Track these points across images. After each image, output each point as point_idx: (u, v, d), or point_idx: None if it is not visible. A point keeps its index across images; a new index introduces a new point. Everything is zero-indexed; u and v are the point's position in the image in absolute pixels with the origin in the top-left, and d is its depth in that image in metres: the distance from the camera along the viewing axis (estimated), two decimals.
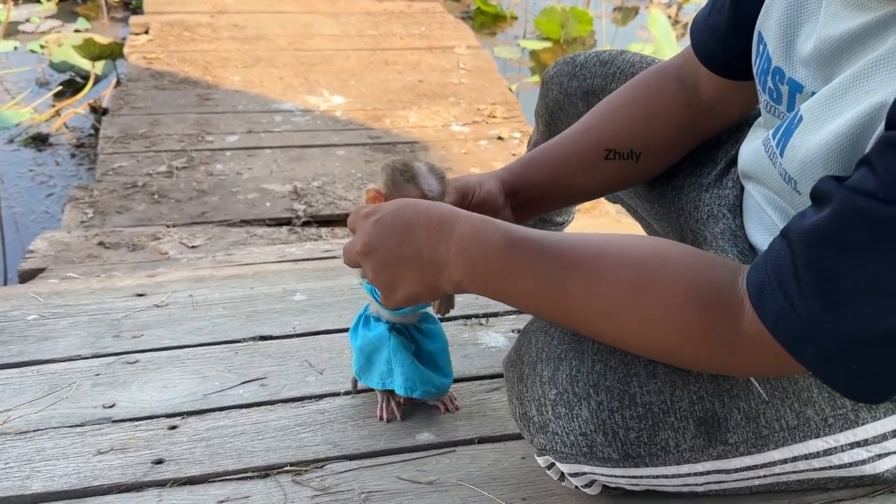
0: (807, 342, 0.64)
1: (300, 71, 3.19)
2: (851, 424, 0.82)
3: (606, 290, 0.72)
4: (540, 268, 0.74)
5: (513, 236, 0.75)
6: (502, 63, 3.85)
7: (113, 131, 2.61)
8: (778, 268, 0.65)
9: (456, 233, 0.76)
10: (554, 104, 1.18)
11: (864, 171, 0.61)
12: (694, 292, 0.70)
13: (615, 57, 1.14)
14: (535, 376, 0.83)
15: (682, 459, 0.82)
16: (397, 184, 0.91)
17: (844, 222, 0.61)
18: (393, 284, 0.80)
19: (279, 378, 1.17)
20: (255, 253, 1.75)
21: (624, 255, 0.74)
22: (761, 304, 0.66)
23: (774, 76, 0.83)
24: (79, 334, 1.28)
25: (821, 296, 0.63)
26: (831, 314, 0.63)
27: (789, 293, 0.64)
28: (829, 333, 0.63)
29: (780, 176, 0.78)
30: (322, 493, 0.95)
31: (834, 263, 0.62)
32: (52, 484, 0.96)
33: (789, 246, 0.65)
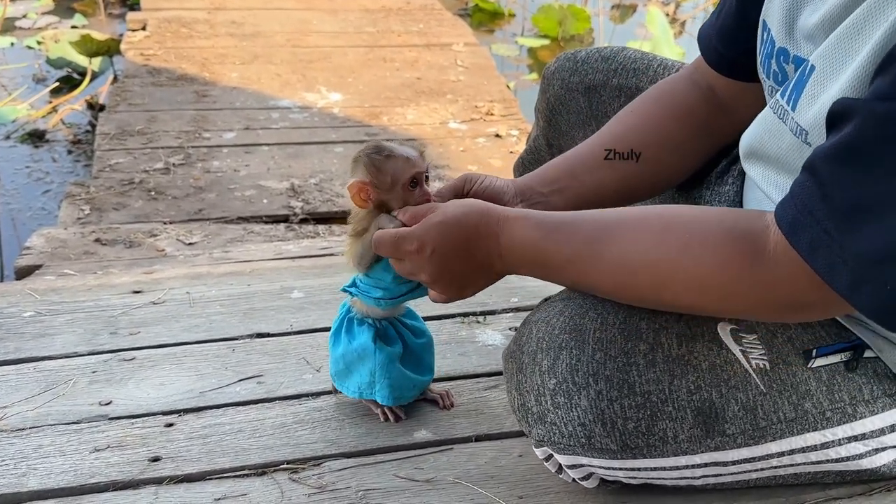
0: (840, 266, 0.63)
1: (298, 68, 3.19)
2: (849, 418, 0.83)
3: (633, 239, 0.78)
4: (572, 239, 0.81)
5: (544, 224, 0.82)
6: (500, 60, 3.84)
7: (110, 128, 2.60)
8: (805, 197, 0.65)
9: (503, 242, 0.84)
10: (555, 100, 1.18)
11: (879, 80, 0.61)
12: (716, 226, 0.74)
13: (617, 53, 1.14)
14: (534, 366, 0.83)
15: (679, 451, 0.82)
16: (379, 165, 0.91)
17: (866, 132, 0.60)
18: (462, 289, 0.89)
19: (276, 376, 1.17)
20: (252, 250, 1.74)
21: (646, 213, 0.80)
22: (795, 235, 0.66)
23: (779, 57, 0.84)
24: (75, 331, 1.28)
25: (852, 213, 0.62)
26: (865, 229, 0.61)
27: (820, 219, 0.63)
28: (864, 252, 0.62)
29: (791, 131, 0.77)
30: (319, 490, 0.95)
31: (861, 176, 0.61)
32: (49, 481, 0.96)
33: (813, 173, 0.65)
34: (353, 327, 1.03)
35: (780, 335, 0.83)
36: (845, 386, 0.83)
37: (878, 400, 0.83)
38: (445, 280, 0.86)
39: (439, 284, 0.87)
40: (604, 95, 1.13)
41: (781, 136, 0.80)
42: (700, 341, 0.81)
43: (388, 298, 0.97)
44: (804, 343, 0.83)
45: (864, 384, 0.83)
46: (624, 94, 1.12)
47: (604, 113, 1.14)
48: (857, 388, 0.83)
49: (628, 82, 1.12)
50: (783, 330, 0.84)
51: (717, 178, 1.02)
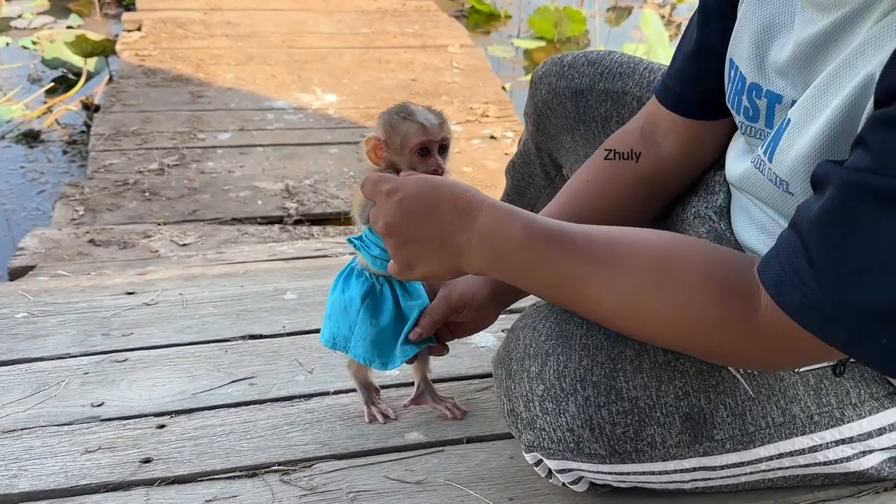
0: (835, 326, 0.65)
1: (293, 69, 3.19)
2: (837, 422, 0.83)
3: (626, 284, 0.74)
4: (560, 262, 0.76)
5: (533, 229, 0.77)
6: (496, 62, 3.85)
7: (104, 128, 2.60)
8: (791, 257, 0.66)
9: (478, 224, 0.78)
10: (543, 104, 1.19)
11: (859, 151, 0.63)
12: (712, 280, 0.72)
13: (603, 57, 1.15)
14: (522, 372, 0.83)
15: (668, 455, 0.82)
16: (395, 124, 0.90)
17: (848, 201, 0.62)
18: (412, 262, 0.83)
19: (268, 377, 1.17)
20: (246, 251, 1.74)
21: (642, 249, 0.76)
22: (783, 297, 0.67)
23: (750, 93, 0.85)
24: (68, 332, 1.28)
25: (838, 276, 0.64)
26: (854, 293, 0.63)
27: (807, 281, 0.65)
28: (854, 312, 0.64)
29: (771, 181, 0.79)
30: (310, 492, 0.95)
31: (845, 242, 0.63)
32: (40, 483, 0.96)
33: (798, 234, 0.66)
34: (351, 277, 1.01)
35: None
36: (833, 390, 0.83)
37: (866, 403, 0.84)
38: (398, 236, 0.81)
39: (393, 239, 0.82)
40: (590, 100, 1.14)
41: (762, 186, 0.82)
42: None
43: (383, 259, 0.94)
44: None
45: (852, 388, 0.84)
46: (610, 97, 1.13)
47: (591, 117, 1.14)
48: (844, 391, 0.83)
49: (614, 86, 1.13)
50: None
51: (704, 184, 1.02)
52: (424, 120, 0.90)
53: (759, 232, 0.87)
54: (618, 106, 1.12)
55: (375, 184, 0.84)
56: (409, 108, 0.91)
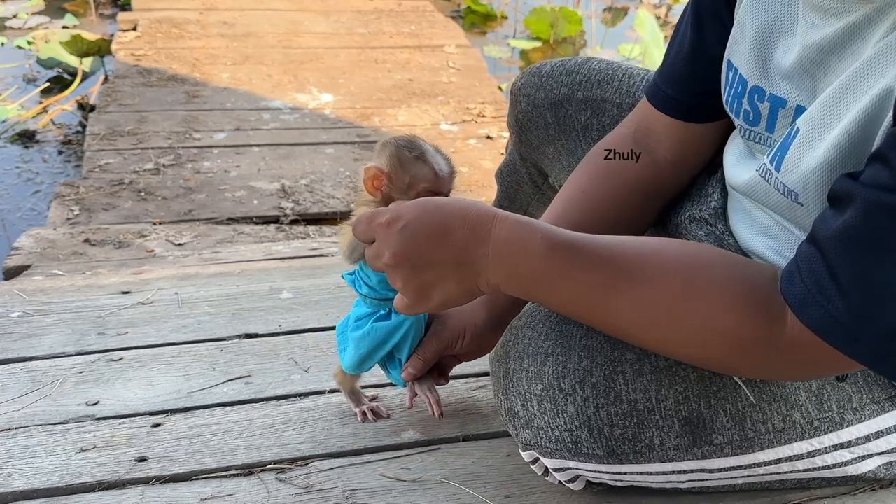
0: (860, 342, 0.65)
1: (289, 69, 3.18)
2: (836, 427, 0.83)
3: (651, 299, 0.72)
4: (583, 274, 0.73)
5: (553, 241, 0.74)
6: (492, 62, 3.85)
7: (100, 128, 2.59)
8: (813, 274, 0.66)
9: (493, 236, 0.74)
10: (523, 116, 1.18)
11: (879, 168, 0.63)
12: (738, 299, 0.71)
13: (581, 65, 1.14)
14: (521, 371, 0.83)
15: (666, 458, 0.82)
16: (404, 162, 0.85)
17: (872, 220, 0.63)
18: (426, 291, 0.77)
19: (264, 376, 1.17)
20: (242, 251, 1.74)
21: (666, 262, 0.74)
22: (806, 313, 0.67)
23: (752, 96, 0.84)
24: (63, 332, 1.28)
25: (863, 295, 0.64)
26: (878, 310, 0.64)
27: (831, 298, 0.65)
28: (879, 329, 0.65)
29: (778, 191, 0.78)
30: (306, 490, 0.95)
31: (870, 261, 0.63)
32: (34, 481, 0.95)
33: (820, 251, 0.66)
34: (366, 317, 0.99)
35: None
36: (835, 395, 0.83)
37: (866, 407, 0.83)
38: (409, 265, 0.76)
39: (401, 270, 0.76)
40: (570, 109, 1.13)
41: (768, 195, 0.81)
42: None
43: (372, 298, 0.95)
44: None
45: (854, 393, 0.83)
46: (590, 106, 1.12)
47: (571, 127, 1.14)
48: (846, 397, 0.83)
49: (593, 94, 1.12)
50: None
51: (699, 188, 1.02)
52: (438, 167, 0.86)
53: (763, 235, 0.86)
54: (598, 114, 1.12)
55: (370, 220, 0.78)
56: (420, 146, 0.86)
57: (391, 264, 0.77)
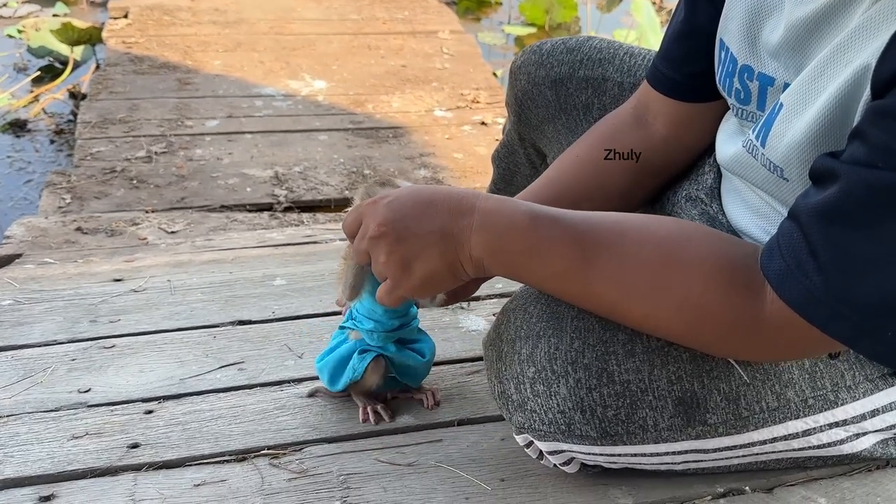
0: (838, 319, 0.65)
1: (281, 55, 3.16)
2: (831, 405, 0.83)
3: (632, 272, 0.73)
4: (564, 248, 0.74)
5: (536, 214, 0.75)
6: (486, 49, 3.83)
7: (91, 116, 2.58)
8: (793, 250, 0.66)
9: (479, 207, 0.76)
10: (523, 94, 1.17)
11: (858, 144, 0.63)
12: (718, 274, 0.71)
13: (582, 43, 1.14)
14: (513, 354, 0.82)
15: (660, 438, 0.82)
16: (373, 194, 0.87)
17: (852, 195, 0.62)
18: (410, 263, 0.77)
19: (258, 362, 1.16)
20: (234, 238, 1.73)
21: (647, 236, 0.74)
22: (785, 289, 0.66)
23: (742, 75, 0.84)
24: (55, 319, 1.27)
25: (843, 271, 0.64)
26: (857, 287, 0.63)
27: (810, 274, 0.65)
28: (858, 306, 0.64)
29: (764, 167, 0.78)
30: (300, 475, 0.94)
31: (850, 237, 0.63)
32: (26, 469, 0.95)
33: (800, 226, 0.66)
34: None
35: None
36: (828, 373, 0.83)
37: (860, 385, 0.83)
38: (393, 235, 0.75)
39: (384, 240, 0.76)
40: (570, 88, 1.13)
41: (755, 171, 0.81)
42: None
43: (379, 331, 0.97)
44: None
45: (847, 370, 0.83)
46: (591, 85, 1.12)
47: (572, 105, 1.13)
48: (839, 374, 0.83)
49: (594, 73, 1.11)
50: None
51: (694, 170, 1.02)
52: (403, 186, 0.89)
53: (753, 215, 0.86)
54: (598, 93, 1.11)
55: (356, 209, 0.80)
56: (390, 179, 0.91)
57: (375, 234, 0.77)
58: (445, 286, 0.81)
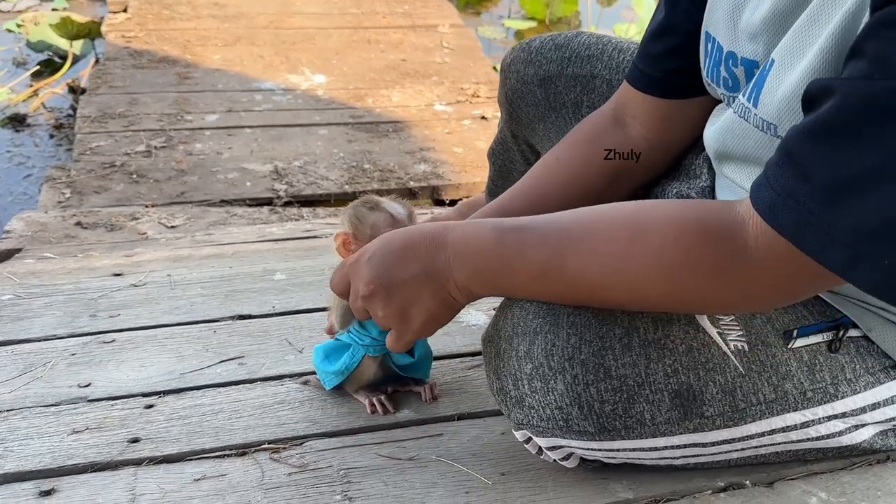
0: (832, 244, 0.61)
1: (281, 49, 3.15)
2: (830, 398, 0.83)
3: (604, 250, 0.73)
4: (535, 251, 0.75)
5: (501, 227, 0.78)
6: (486, 43, 3.82)
7: (91, 110, 2.57)
8: (783, 178, 0.63)
9: (450, 240, 0.79)
10: (513, 93, 1.17)
11: (854, 62, 0.60)
12: (687, 225, 0.70)
13: (570, 40, 1.13)
14: (511, 351, 0.82)
15: (658, 432, 0.82)
16: (362, 216, 0.92)
17: (848, 110, 0.59)
18: (407, 312, 0.81)
19: (258, 357, 1.16)
20: (234, 233, 1.73)
21: (612, 216, 0.75)
22: (776, 219, 0.63)
23: (728, 62, 0.84)
24: (55, 314, 1.27)
25: (835, 190, 0.60)
26: (853, 209, 0.59)
27: (801, 199, 0.61)
28: (853, 229, 0.60)
29: (757, 128, 0.77)
30: (300, 469, 0.94)
31: (844, 154, 0.59)
32: (26, 463, 0.95)
33: (788, 154, 0.63)
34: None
35: (759, 316, 0.83)
36: (827, 366, 0.83)
37: (861, 378, 0.83)
38: (383, 290, 0.79)
39: (377, 297, 0.79)
40: (559, 86, 1.12)
41: (747, 135, 0.79)
42: (676, 325, 0.81)
43: (374, 346, 1.00)
44: (784, 323, 0.83)
45: (847, 363, 0.83)
46: (579, 83, 1.12)
47: (561, 104, 1.13)
48: (839, 367, 0.83)
49: (583, 70, 1.11)
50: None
51: (687, 171, 1.02)
52: (392, 210, 0.92)
53: None
54: (587, 91, 1.11)
55: (340, 269, 0.85)
56: (373, 199, 0.93)
57: (367, 294, 0.80)
58: (446, 320, 0.84)
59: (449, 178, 2.31)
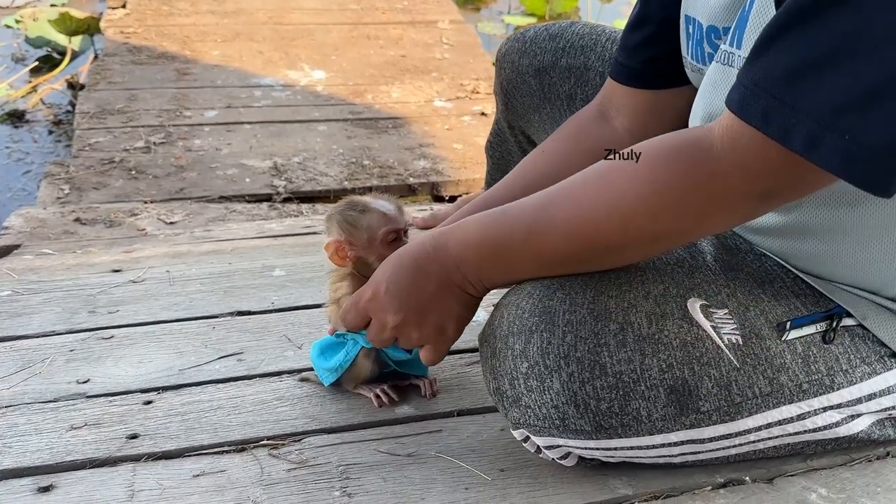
0: (793, 127, 0.63)
1: (280, 45, 3.15)
2: (826, 389, 0.82)
3: (582, 195, 0.78)
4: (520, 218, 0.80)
5: (483, 215, 0.83)
6: (486, 39, 3.81)
7: (90, 106, 2.56)
8: (750, 72, 0.65)
9: (451, 245, 0.83)
10: (508, 83, 1.17)
11: None
12: (651, 150, 0.75)
13: (564, 30, 1.14)
14: (506, 350, 0.82)
15: (654, 429, 0.81)
16: (353, 221, 0.92)
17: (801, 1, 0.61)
18: (443, 326, 0.86)
19: (257, 353, 1.16)
20: (234, 229, 1.72)
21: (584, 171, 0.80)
22: (745, 111, 0.66)
23: (710, 36, 0.86)
24: (53, 310, 1.27)
25: (797, 74, 0.62)
26: (812, 89, 0.62)
27: (766, 87, 0.64)
28: (814, 109, 0.62)
29: None
30: (299, 466, 0.94)
31: (801, 41, 0.62)
32: (24, 459, 0.95)
33: (753, 54, 0.66)
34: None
35: (752, 309, 0.83)
36: (822, 357, 0.82)
37: (857, 369, 0.83)
38: (413, 316, 0.84)
39: (410, 324, 0.85)
40: (553, 77, 1.13)
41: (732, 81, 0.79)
42: (670, 319, 0.81)
43: None
44: (778, 315, 0.83)
45: (842, 354, 0.83)
46: (573, 74, 1.12)
47: (555, 95, 1.13)
48: (834, 358, 0.83)
49: (576, 61, 1.12)
50: (755, 303, 0.83)
51: None
52: (384, 208, 0.92)
53: None
54: (581, 83, 1.12)
55: (355, 305, 0.87)
56: (359, 201, 0.92)
57: (399, 324, 0.85)
58: (472, 316, 0.89)
59: (448, 175, 2.30)
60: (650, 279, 0.83)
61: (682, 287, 0.83)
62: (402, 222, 0.93)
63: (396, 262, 0.84)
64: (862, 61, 0.60)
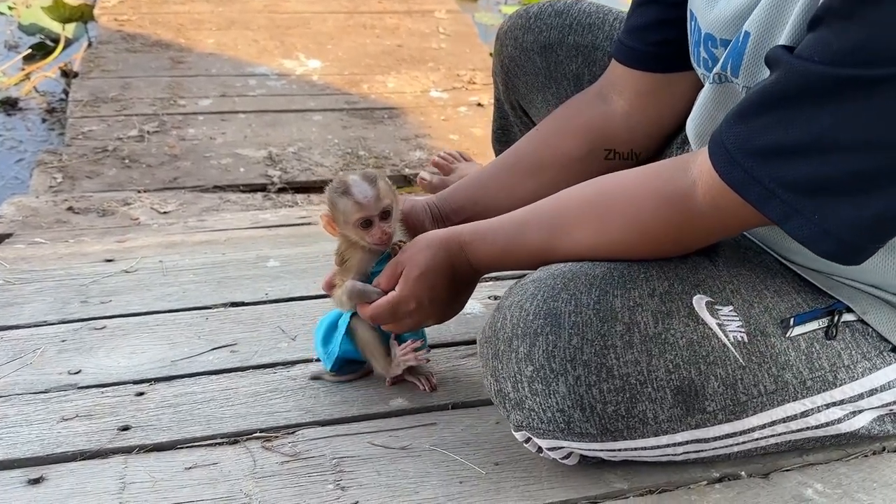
0: (770, 199, 0.69)
1: (275, 34, 3.12)
2: (829, 386, 0.82)
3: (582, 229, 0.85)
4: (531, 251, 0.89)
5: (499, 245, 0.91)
6: (483, 29, 3.79)
7: (83, 95, 2.54)
8: (733, 136, 0.70)
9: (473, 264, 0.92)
10: (510, 62, 1.15)
11: (809, 34, 0.67)
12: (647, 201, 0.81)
13: (570, 7, 1.11)
14: (510, 352, 0.81)
15: (660, 431, 0.81)
16: (334, 202, 0.95)
17: (784, 85, 0.67)
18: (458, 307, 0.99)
19: (250, 344, 1.15)
20: (228, 219, 1.71)
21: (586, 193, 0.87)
22: (727, 175, 0.71)
23: (706, 43, 0.84)
24: (45, 300, 1.25)
25: (775, 154, 0.68)
26: (786, 170, 0.67)
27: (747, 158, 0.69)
28: (788, 188, 0.68)
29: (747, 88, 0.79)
30: (292, 458, 0.94)
31: (778, 124, 0.67)
32: (15, 451, 0.94)
33: (740, 115, 0.70)
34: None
35: (756, 305, 0.82)
36: (824, 353, 0.82)
37: (858, 364, 0.83)
38: (449, 311, 0.97)
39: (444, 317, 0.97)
40: (560, 55, 1.10)
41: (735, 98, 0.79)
42: (676, 317, 0.80)
43: None
44: (781, 312, 0.82)
45: (843, 349, 0.83)
46: (581, 53, 1.10)
47: (562, 74, 1.11)
48: (836, 354, 0.82)
49: (584, 40, 1.10)
50: (759, 300, 0.83)
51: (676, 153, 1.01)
52: (359, 196, 0.93)
53: None
54: (589, 62, 1.10)
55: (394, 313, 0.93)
56: (345, 182, 0.94)
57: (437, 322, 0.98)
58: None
59: None
60: (654, 276, 0.82)
61: (686, 283, 0.82)
62: (374, 211, 0.93)
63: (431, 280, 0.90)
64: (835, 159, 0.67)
